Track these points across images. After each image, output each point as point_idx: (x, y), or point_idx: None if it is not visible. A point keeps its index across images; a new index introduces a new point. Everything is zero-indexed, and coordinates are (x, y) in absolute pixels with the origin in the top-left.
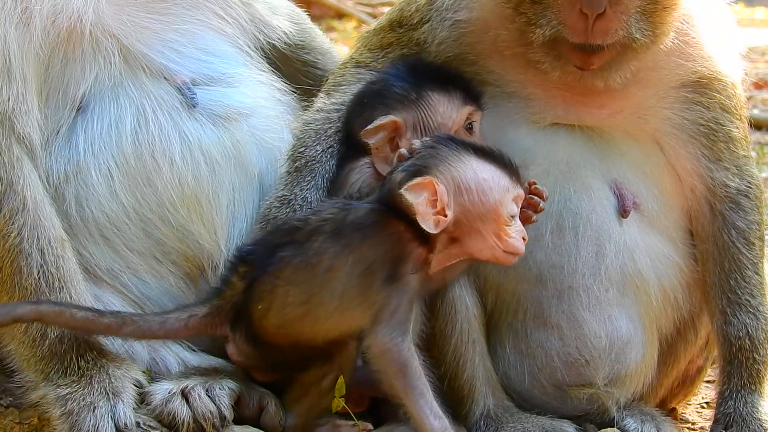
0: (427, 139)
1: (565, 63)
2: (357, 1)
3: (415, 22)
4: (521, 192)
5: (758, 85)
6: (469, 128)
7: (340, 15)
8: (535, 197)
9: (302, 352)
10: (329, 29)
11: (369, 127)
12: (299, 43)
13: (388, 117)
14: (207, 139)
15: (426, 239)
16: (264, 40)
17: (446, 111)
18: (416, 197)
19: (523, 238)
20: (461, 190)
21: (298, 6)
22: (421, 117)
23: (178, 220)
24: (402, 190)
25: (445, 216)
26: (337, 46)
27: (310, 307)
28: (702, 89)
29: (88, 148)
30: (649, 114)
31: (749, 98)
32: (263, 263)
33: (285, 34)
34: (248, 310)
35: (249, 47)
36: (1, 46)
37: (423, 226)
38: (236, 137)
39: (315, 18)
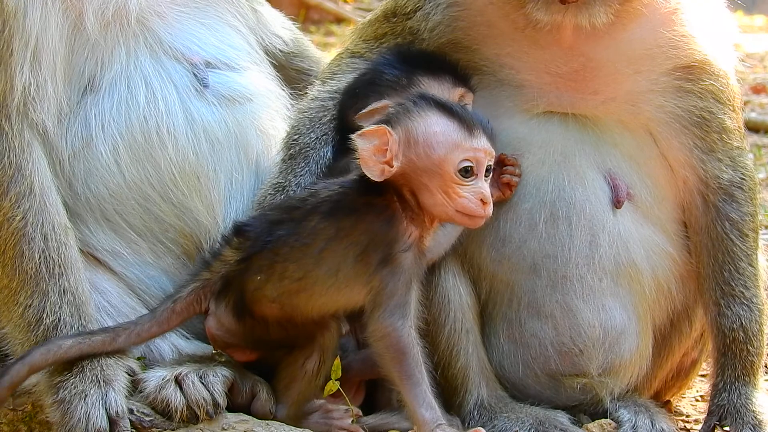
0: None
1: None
2: (356, 5)
3: (408, 10)
4: (479, 151)
5: (756, 90)
6: None
7: (339, 19)
8: (509, 170)
9: (287, 329)
10: (328, 33)
11: (364, 110)
12: (294, 51)
13: (382, 101)
14: (211, 119)
15: (414, 212)
16: (268, 43)
17: (437, 94)
18: (364, 143)
19: (483, 201)
20: (410, 142)
21: (298, 11)
22: None
23: (178, 196)
24: (354, 135)
25: (392, 167)
26: (336, 50)
27: (306, 283)
28: (694, 77)
29: (98, 123)
30: (642, 101)
31: (746, 102)
32: (262, 239)
33: (283, 41)
34: (242, 281)
35: (258, 47)
36: (40, 34)
37: (366, 172)
38: (238, 119)
39: (314, 22)
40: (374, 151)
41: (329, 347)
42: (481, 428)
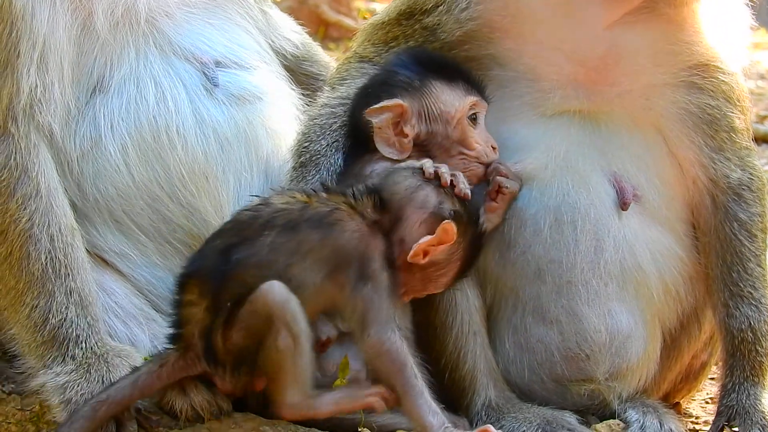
0: None
1: None
2: None
3: (430, 6)
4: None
5: None
6: (472, 119)
7: None
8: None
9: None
10: (347, 51)
11: (374, 106)
12: (304, 55)
13: (394, 100)
14: (221, 118)
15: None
16: (278, 46)
17: (449, 100)
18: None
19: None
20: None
21: (317, 28)
22: (425, 105)
23: (186, 197)
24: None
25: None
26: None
27: None
28: (708, 75)
29: (107, 123)
30: (657, 96)
31: (765, 117)
32: (219, 270)
33: (293, 44)
34: (213, 325)
35: (268, 48)
36: (48, 36)
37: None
38: (248, 118)
39: (333, 40)
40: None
41: (293, 321)
42: (489, 426)
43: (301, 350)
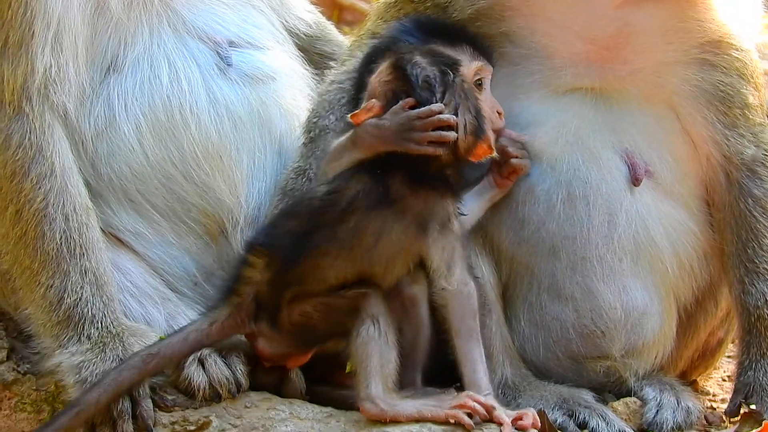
0: None
1: None
2: None
3: None
4: None
5: None
6: (478, 84)
7: None
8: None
9: (330, 315)
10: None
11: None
12: (317, 34)
13: None
14: (234, 98)
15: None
16: (292, 25)
17: None
18: None
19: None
20: None
21: (331, 11)
22: None
23: (201, 176)
24: None
25: None
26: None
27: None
28: (721, 52)
29: (121, 103)
30: (669, 73)
31: None
32: (292, 252)
33: (306, 23)
34: (278, 296)
35: (281, 27)
36: (62, 16)
37: None
38: (261, 98)
39: (348, 23)
40: None
41: (377, 311)
42: (530, 409)
43: (389, 345)
